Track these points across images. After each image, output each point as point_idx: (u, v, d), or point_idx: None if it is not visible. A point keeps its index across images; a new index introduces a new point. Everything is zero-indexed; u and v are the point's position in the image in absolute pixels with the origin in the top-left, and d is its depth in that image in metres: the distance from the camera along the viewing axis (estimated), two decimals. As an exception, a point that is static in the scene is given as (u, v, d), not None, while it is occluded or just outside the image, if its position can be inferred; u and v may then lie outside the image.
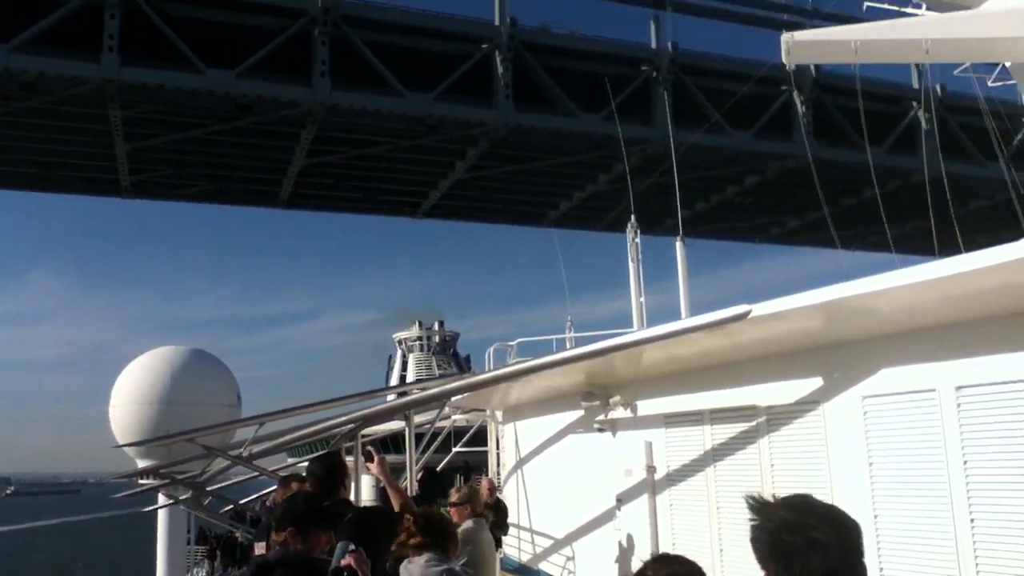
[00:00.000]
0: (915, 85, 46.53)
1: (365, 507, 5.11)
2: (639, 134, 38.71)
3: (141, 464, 15.53)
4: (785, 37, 13.10)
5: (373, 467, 5.54)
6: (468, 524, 7.17)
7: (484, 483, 12.48)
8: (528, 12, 41.94)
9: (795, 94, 43.05)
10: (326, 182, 44.75)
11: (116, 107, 34.04)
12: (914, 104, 46.13)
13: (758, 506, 2.16)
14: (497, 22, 37.66)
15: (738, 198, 48.96)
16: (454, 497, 7.62)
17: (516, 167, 42.49)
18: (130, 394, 16.35)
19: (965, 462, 5.91)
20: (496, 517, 10.69)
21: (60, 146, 39.51)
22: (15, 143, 38.80)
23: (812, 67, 43.66)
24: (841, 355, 7.05)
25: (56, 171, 42.84)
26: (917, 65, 47.33)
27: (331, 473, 5.17)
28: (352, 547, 3.50)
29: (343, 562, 3.48)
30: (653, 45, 40.36)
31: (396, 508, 5.40)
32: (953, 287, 5.37)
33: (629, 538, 10.02)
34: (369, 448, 5.69)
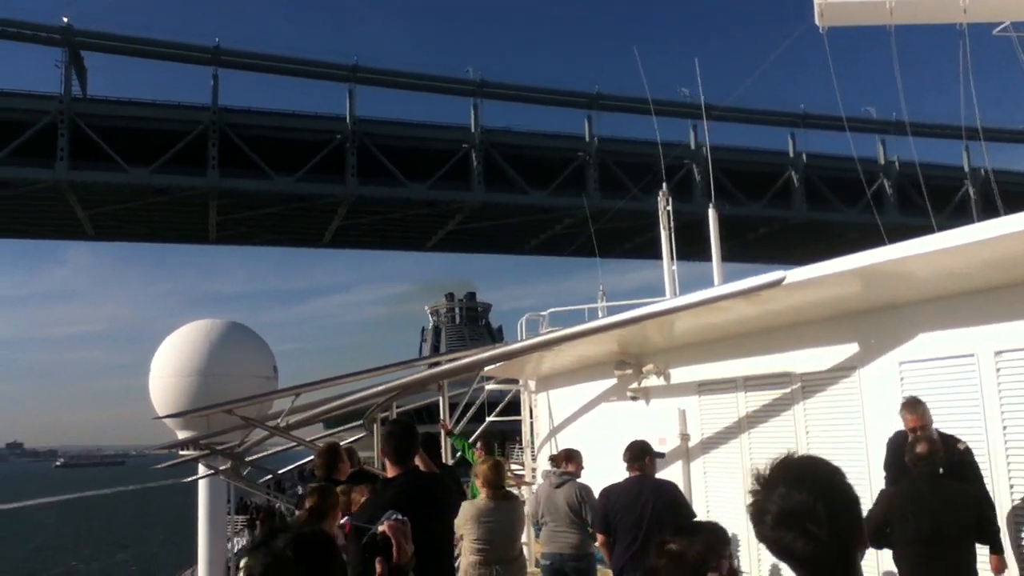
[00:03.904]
0: (790, 152, 62.38)
1: (411, 476, 4.54)
2: (575, 203, 55.45)
3: (181, 435, 15.68)
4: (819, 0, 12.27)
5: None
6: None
7: None
8: (490, 114, 57.50)
9: (694, 167, 59.09)
10: (356, 233, 61.83)
11: (214, 200, 50.98)
12: (789, 167, 61.98)
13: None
14: (473, 129, 54.34)
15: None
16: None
17: (492, 222, 59.26)
18: (168, 366, 16.23)
19: (1004, 427, 5.77)
20: None
21: (169, 216, 56.61)
22: (137, 216, 55.93)
23: (706, 147, 59.60)
24: (878, 321, 6.81)
25: (161, 229, 60.06)
26: (792, 135, 63.34)
27: (329, 459, 5.48)
28: (397, 516, 3.12)
29: (379, 529, 3.11)
30: (587, 138, 56.65)
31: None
32: (991, 251, 5.20)
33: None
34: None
